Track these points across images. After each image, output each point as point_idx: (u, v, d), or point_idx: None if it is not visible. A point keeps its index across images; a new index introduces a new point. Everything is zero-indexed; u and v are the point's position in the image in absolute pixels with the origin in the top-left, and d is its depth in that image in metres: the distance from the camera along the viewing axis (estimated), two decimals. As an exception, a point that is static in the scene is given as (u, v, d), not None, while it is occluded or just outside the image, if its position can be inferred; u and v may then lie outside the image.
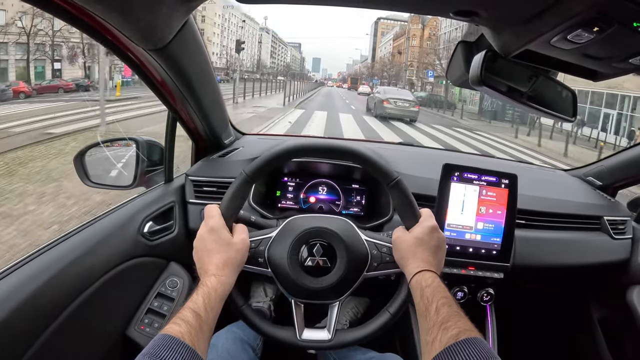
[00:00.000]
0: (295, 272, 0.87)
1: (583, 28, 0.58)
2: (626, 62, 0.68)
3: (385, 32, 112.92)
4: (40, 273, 0.83)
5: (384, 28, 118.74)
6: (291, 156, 0.89)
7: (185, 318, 0.66)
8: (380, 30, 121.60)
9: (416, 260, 0.82)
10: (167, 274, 1.18)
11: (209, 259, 0.79)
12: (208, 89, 1.15)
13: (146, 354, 0.59)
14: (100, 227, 1.04)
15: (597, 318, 1.64)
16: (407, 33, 71.31)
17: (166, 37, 0.79)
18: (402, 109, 17.35)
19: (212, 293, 0.73)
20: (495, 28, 0.72)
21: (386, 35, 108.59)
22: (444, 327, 0.67)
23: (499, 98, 0.87)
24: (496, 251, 1.20)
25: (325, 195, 1.42)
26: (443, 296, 0.73)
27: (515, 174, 1.18)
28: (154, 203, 1.21)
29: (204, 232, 0.82)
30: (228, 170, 1.34)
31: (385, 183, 0.88)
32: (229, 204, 0.85)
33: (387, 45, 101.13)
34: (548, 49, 0.69)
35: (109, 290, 0.99)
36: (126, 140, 1.36)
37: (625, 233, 1.53)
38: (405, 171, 1.37)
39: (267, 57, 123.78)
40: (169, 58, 0.88)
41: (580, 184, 1.73)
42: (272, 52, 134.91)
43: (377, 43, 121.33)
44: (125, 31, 0.72)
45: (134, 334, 1.06)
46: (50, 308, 0.83)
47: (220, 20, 75.10)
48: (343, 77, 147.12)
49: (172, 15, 0.73)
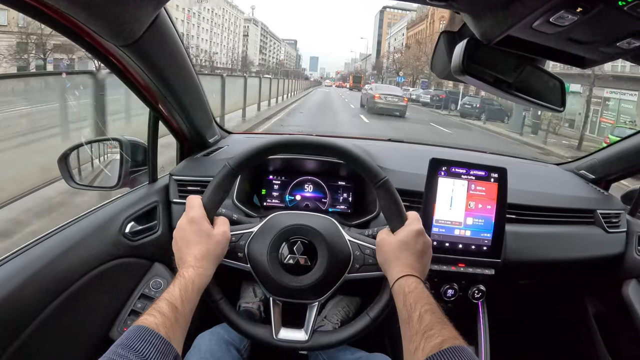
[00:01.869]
0: (275, 270, 0.86)
1: (566, 9, 0.55)
2: (614, 46, 0.66)
3: (393, 23, 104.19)
4: (16, 274, 0.82)
5: (391, 18, 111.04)
6: (277, 150, 0.87)
7: (161, 309, 0.65)
8: (386, 21, 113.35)
9: (400, 264, 0.80)
10: (151, 275, 1.17)
11: (187, 250, 0.79)
12: (188, 86, 1.13)
13: (119, 345, 0.59)
14: (79, 227, 1.02)
15: (592, 313, 1.63)
16: (431, 17, 55.18)
17: (136, 32, 0.76)
18: (392, 103, 18.31)
19: (189, 285, 0.72)
20: (475, 14, 0.70)
21: (394, 25, 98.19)
22: (427, 336, 0.65)
23: (485, 88, 0.85)
24: (487, 247, 1.17)
25: (311, 193, 1.40)
26: (427, 302, 0.71)
27: (504, 168, 1.16)
28: (136, 203, 1.19)
29: (184, 223, 0.81)
30: (212, 169, 1.31)
31: (373, 183, 0.86)
32: (212, 196, 0.84)
33: (397, 35, 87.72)
34: (531, 34, 0.67)
35: (90, 291, 0.97)
36: (110, 141, 1.35)
37: (620, 226, 1.52)
38: (393, 167, 1.35)
39: (255, 52, 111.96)
40: (142, 54, 0.86)
41: (572, 177, 1.71)
42: (262, 47, 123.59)
43: (383, 36, 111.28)
44: (92, 26, 0.70)
45: (116, 335, 1.05)
46: (28, 310, 0.82)
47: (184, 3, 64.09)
48: (342, 76, 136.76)
49: (141, 9, 0.71)
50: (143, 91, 1.03)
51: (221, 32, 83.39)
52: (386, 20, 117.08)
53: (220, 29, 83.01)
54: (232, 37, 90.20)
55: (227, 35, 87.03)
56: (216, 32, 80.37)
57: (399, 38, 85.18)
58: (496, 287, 1.28)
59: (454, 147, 1.95)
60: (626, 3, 0.51)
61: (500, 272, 1.21)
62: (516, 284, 1.55)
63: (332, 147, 0.87)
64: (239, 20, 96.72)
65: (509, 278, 1.37)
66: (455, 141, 12.64)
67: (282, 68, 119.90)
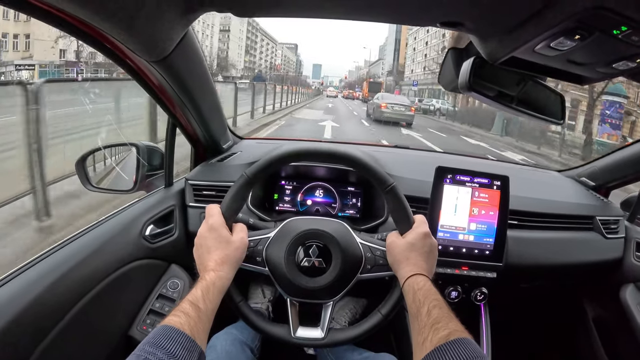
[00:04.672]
0: (292, 272, 0.90)
1: (565, 36, 0.60)
2: (610, 67, 0.71)
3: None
4: (45, 276, 0.86)
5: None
6: (291, 160, 0.92)
7: (185, 310, 0.69)
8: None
9: (409, 264, 0.85)
10: (168, 276, 1.21)
11: (208, 256, 0.82)
12: (207, 96, 1.18)
13: (147, 343, 0.61)
14: (103, 230, 1.07)
15: (591, 317, 1.66)
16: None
17: (167, 49, 0.81)
18: (399, 112, 17.80)
19: (210, 287, 0.76)
20: (482, 36, 0.75)
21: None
22: (435, 328, 0.69)
23: (488, 103, 0.90)
24: (489, 251, 1.22)
25: (321, 198, 1.44)
26: (434, 299, 0.76)
27: (506, 176, 1.21)
28: (154, 207, 1.23)
29: (204, 230, 0.85)
30: (226, 174, 1.36)
31: (381, 189, 0.91)
32: (230, 204, 0.88)
33: (429, 37, 62.03)
34: (533, 56, 0.72)
35: (112, 292, 1.01)
36: (127, 145, 1.39)
37: (618, 232, 1.54)
38: (399, 174, 1.39)
39: (239, 52, 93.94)
40: (170, 68, 0.91)
41: (573, 184, 1.75)
42: (250, 46, 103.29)
43: (402, 39, 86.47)
44: (129, 45, 0.75)
45: (136, 334, 1.09)
46: (55, 310, 0.85)
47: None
48: (349, 83, 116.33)
49: (173, 28, 0.76)
50: (164, 100, 1.08)
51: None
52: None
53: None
54: (202, 30, 75.22)
55: (195, 26, 73.26)
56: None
57: (432, 39, 61.25)
58: (498, 290, 1.32)
59: (458, 153, 1.99)
60: (620, 32, 0.56)
61: (502, 275, 1.25)
62: (517, 287, 1.58)
63: (342, 155, 0.91)
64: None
65: (510, 281, 1.40)
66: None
67: (273, 72, 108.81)
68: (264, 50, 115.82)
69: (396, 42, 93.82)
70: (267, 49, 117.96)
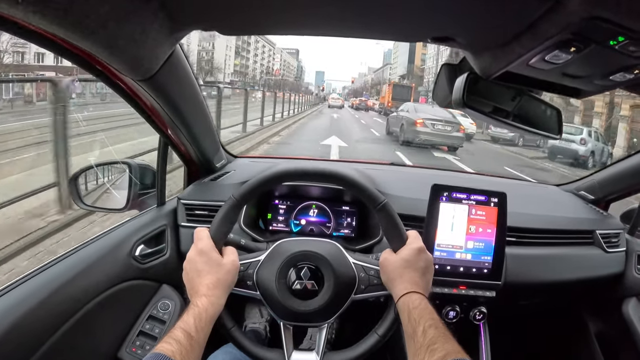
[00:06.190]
0: (283, 295, 0.88)
1: (560, 49, 0.59)
2: (607, 79, 0.69)
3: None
4: (31, 296, 0.84)
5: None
6: (279, 181, 0.91)
7: (177, 337, 0.68)
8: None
9: (403, 281, 0.82)
10: (159, 297, 1.18)
11: (199, 280, 0.80)
12: (198, 115, 1.17)
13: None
14: (91, 250, 1.05)
15: (593, 331, 1.63)
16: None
17: (153, 68, 0.80)
18: (443, 133, 12.57)
19: (202, 313, 0.74)
20: (475, 52, 0.74)
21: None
22: (431, 349, 0.67)
23: (483, 119, 0.89)
24: (487, 269, 1.19)
25: (316, 217, 1.42)
26: (430, 318, 0.74)
27: (504, 193, 1.18)
28: (146, 226, 1.21)
29: (194, 254, 0.83)
30: (219, 193, 1.34)
31: (372, 206, 0.89)
32: (218, 227, 0.86)
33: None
34: (528, 70, 0.70)
35: (101, 312, 0.99)
36: (119, 164, 1.38)
37: (619, 246, 1.53)
38: (394, 192, 1.38)
39: (228, 54, 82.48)
40: (158, 87, 0.90)
41: (572, 198, 1.73)
42: (242, 48, 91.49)
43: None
44: (113, 64, 0.73)
45: (125, 356, 1.07)
46: (42, 330, 0.84)
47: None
48: (355, 89, 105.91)
49: (158, 47, 0.75)
50: (155, 119, 1.06)
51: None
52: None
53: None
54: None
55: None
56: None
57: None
58: (497, 309, 1.29)
59: (454, 170, 1.97)
60: (617, 42, 0.55)
61: (501, 294, 1.22)
62: (517, 305, 1.55)
63: (332, 174, 0.90)
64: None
65: (509, 300, 1.38)
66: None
67: (265, 77, 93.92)
68: (259, 54, 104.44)
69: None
70: (262, 51, 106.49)
